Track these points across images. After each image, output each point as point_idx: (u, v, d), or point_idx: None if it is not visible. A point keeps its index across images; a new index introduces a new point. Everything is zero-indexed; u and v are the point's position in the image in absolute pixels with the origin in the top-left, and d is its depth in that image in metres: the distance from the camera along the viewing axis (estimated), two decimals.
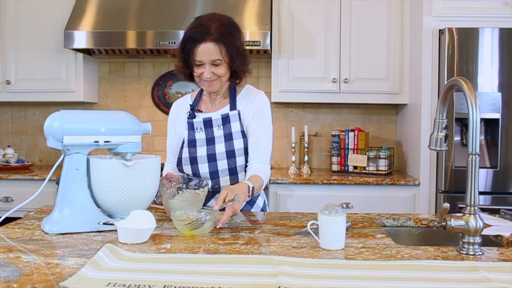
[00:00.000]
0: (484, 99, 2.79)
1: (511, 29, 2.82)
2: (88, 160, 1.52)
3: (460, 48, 2.82)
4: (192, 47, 1.77)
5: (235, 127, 1.88)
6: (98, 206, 1.53)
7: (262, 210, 2.00)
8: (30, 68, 3.33)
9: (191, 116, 1.93)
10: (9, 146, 3.54)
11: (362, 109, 3.61)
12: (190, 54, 1.79)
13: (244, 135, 1.88)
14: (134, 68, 3.67)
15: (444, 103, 1.47)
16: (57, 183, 1.82)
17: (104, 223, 1.48)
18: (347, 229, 1.44)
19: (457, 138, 2.86)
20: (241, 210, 1.89)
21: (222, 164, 1.87)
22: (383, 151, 3.19)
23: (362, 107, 3.60)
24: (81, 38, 3.07)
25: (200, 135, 1.90)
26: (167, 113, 3.68)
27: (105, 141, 1.52)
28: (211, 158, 1.87)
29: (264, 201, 2.03)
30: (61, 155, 1.51)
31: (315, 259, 1.22)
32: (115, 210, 1.53)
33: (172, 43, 3.03)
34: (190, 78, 1.88)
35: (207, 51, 1.76)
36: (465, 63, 2.83)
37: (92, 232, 1.47)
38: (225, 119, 1.89)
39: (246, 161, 1.88)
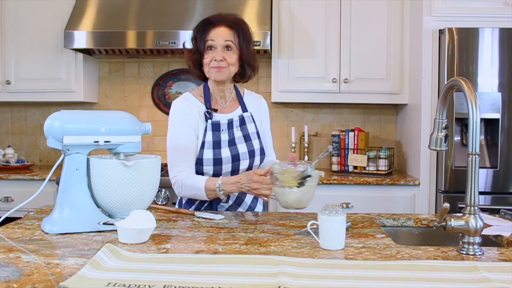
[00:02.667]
0: (484, 99, 2.79)
1: (511, 29, 2.82)
2: (88, 160, 1.52)
3: (460, 48, 2.82)
4: (207, 29, 1.83)
5: (251, 128, 1.95)
6: (98, 206, 1.53)
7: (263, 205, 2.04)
8: (30, 68, 3.33)
9: (211, 116, 1.89)
10: (9, 146, 3.54)
11: (362, 109, 3.61)
12: (203, 36, 1.83)
13: (259, 135, 1.97)
14: (134, 68, 3.67)
15: (444, 103, 1.47)
16: (57, 183, 1.82)
17: (104, 223, 1.48)
18: (347, 229, 1.44)
19: (457, 138, 2.86)
20: (249, 206, 1.95)
21: (244, 164, 1.90)
22: (383, 151, 3.19)
23: (362, 107, 3.60)
24: (81, 38, 3.07)
25: (224, 136, 1.89)
26: (167, 113, 3.69)
27: (105, 141, 1.52)
28: (235, 158, 1.88)
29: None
30: (61, 155, 1.51)
31: (315, 259, 1.22)
32: (115, 210, 1.53)
33: (172, 43, 3.03)
34: (200, 71, 1.90)
35: (222, 32, 1.82)
36: (465, 63, 2.83)
37: (92, 232, 1.47)
38: (242, 120, 1.94)
39: (261, 160, 1.96)
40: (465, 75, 2.79)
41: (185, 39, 3.02)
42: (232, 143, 1.90)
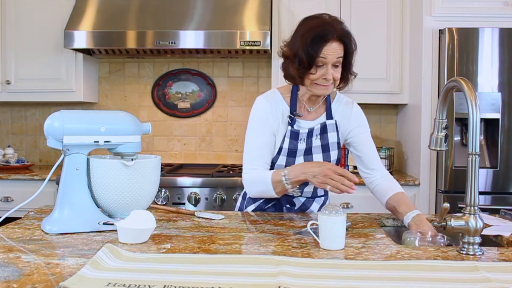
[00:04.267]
0: (484, 99, 2.79)
1: (511, 29, 2.82)
2: (88, 160, 1.52)
3: (460, 48, 2.82)
4: (320, 45, 1.66)
5: (332, 137, 1.81)
6: (98, 206, 1.53)
7: None
8: (30, 68, 3.32)
9: (293, 122, 1.78)
10: (9, 146, 3.54)
11: (362, 109, 3.60)
12: (316, 51, 1.65)
13: (339, 146, 1.83)
14: (134, 68, 3.66)
15: (444, 103, 1.48)
16: (57, 183, 1.82)
17: (104, 223, 1.48)
18: (347, 229, 1.44)
19: (457, 138, 2.86)
20: (302, 208, 1.85)
21: None
22: (383, 151, 3.18)
23: (362, 107, 3.57)
24: (81, 38, 3.07)
25: (301, 146, 1.79)
26: (167, 113, 3.74)
27: (105, 141, 1.52)
28: None
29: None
30: (61, 155, 1.51)
31: (315, 259, 1.22)
32: (115, 210, 1.53)
33: (172, 43, 3.02)
34: (300, 79, 1.73)
35: (334, 49, 1.67)
36: (465, 63, 2.83)
37: (92, 232, 1.47)
38: (323, 129, 1.81)
39: None
40: (465, 75, 2.79)
41: (185, 39, 3.03)
42: (308, 152, 1.79)
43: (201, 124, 3.64)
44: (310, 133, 1.80)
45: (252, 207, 1.89)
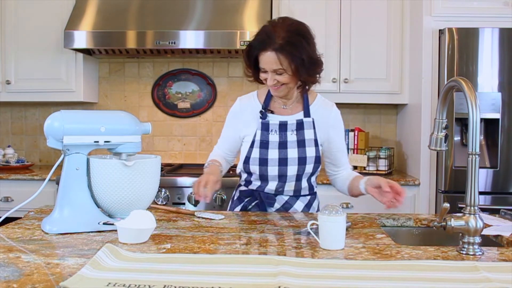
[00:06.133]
0: (484, 99, 2.79)
1: (511, 29, 2.82)
2: (88, 160, 1.52)
3: (460, 48, 2.82)
4: (254, 55, 1.75)
5: (308, 134, 1.87)
6: (98, 206, 1.53)
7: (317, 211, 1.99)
8: (30, 68, 3.32)
9: (264, 116, 1.88)
10: (9, 146, 3.54)
11: (362, 109, 3.61)
12: (252, 60, 1.77)
13: (316, 143, 1.88)
14: (134, 68, 3.66)
15: (444, 103, 1.47)
16: (57, 183, 1.82)
17: (104, 223, 1.48)
18: (347, 229, 1.44)
19: (457, 138, 2.86)
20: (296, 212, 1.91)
21: (292, 170, 1.85)
22: (383, 151, 3.18)
23: (362, 107, 3.60)
24: (81, 38, 3.07)
25: (274, 138, 1.86)
26: (167, 113, 3.74)
27: (105, 141, 1.52)
28: (282, 162, 1.84)
29: (318, 204, 2.02)
30: (61, 155, 1.51)
31: (315, 259, 1.22)
32: (115, 210, 1.53)
33: (172, 43, 3.02)
34: (258, 81, 1.84)
35: (268, 60, 1.71)
36: (465, 63, 2.83)
37: (92, 232, 1.47)
38: (300, 125, 1.87)
39: (314, 169, 1.89)
40: (465, 75, 2.79)
41: (185, 39, 3.03)
42: (282, 145, 1.85)
43: (201, 124, 3.64)
44: (283, 126, 1.86)
45: (238, 208, 1.95)
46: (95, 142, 1.51)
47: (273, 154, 1.84)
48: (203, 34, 3.01)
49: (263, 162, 1.84)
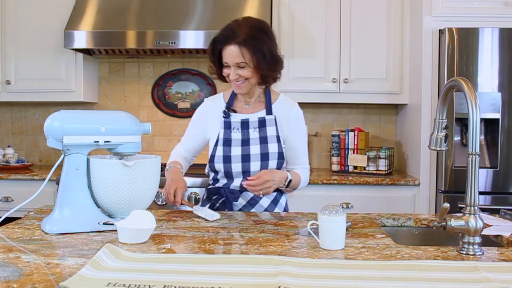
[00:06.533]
0: (484, 99, 2.79)
1: (511, 29, 2.82)
2: (88, 160, 1.52)
3: (460, 48, 2.82)
4: (218, 49, 1.84)
5: (271, 131, 1.93)
6: (98, 206, 1.53)
7: (284, 210, 2.02)
8: (30, 68, 3.33)
9: (227, 115, 1.95)
10: (9, 146, 3.54)
11: (362, 109, 3.61)
12: (216, 55, 1.86)
13: (279, 140, 1.93)
14: (134, 68, 3.66)
15: (444, 103, 1.47)
16: (57, 183, 1.82)
17: (104, 223, 1.48)
18: (347, 229, 1.44)
19: (457, 138, 2.86)
20: (265, 210, 1.94)
21: (255, 166, 1.90)
22: (383, 151, 3.18)
23: (362, 107, 3.60)
24: (81, 38, 3.07)
25: (236, 135, 1.92)
26: (167, 113, 3.74)
27: (105, 141, 1.52)
28: (245, 158, 1.90)
29: (286, 201, 2.05)
30: (61, 155, 1.51)
31: (315, 259, 1.22)
32: (115, 210, 1.53)
33: (172, 43, 3.02)
34: (222, 78, 1.93)
35: (231, 54, 1.80)
36: (465, 63, 2.83)
37: (92, 232, 1.47)
38: (262, 122, 1.93)
39: (278, 165, 1.92)
40: (465, 75, 2.79)
41: (185, 39, 3.03)
42: (245, 143, 1.91)
43: None
44: (244, 124, 1.93)
45: (208, 205, 2.00)
46: (95, 142, 1.51)
47: (236, 151, 1.90)
48: (203, 34, 3.01)
49: (227, 159, 1.90)
